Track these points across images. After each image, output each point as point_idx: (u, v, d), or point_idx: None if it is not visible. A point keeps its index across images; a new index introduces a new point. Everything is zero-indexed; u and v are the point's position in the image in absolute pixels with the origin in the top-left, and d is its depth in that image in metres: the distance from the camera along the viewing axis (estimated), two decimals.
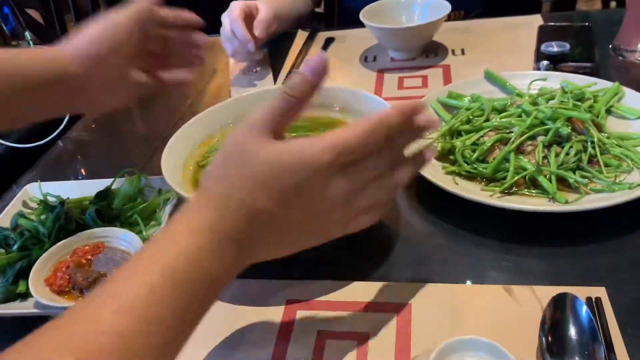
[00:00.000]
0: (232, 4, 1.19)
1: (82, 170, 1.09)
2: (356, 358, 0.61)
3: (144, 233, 0.78)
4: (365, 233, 0.59)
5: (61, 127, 1.22)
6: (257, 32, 1.16)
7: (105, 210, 0.81)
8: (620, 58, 1.11)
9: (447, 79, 1.13)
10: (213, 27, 1.79)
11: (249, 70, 1.30)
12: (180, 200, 0.84)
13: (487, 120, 0.88)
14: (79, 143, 1.17)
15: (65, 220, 0.79)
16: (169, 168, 0.76)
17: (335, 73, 1.23)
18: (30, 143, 1.20)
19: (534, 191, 0.77)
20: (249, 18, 1.19)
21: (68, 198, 0.85)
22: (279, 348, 0.64)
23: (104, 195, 0.85)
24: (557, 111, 0.83)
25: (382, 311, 0.66)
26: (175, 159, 0.80)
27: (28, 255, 0.76)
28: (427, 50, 1.25)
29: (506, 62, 1.15)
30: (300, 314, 0.68)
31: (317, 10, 2.44)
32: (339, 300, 0.69)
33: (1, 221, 0.85)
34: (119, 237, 0.77)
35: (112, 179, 0.88)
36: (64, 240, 0.77)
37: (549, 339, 0.56)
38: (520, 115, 0.87)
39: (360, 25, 1.25)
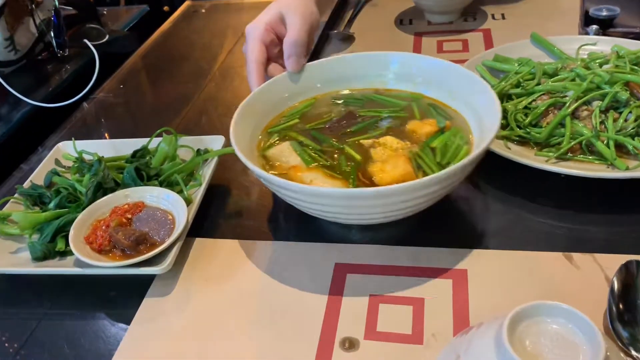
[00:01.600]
0: (250, 31, 0.87)
1: (108, 134, 1.06)
2: (412, 323, 0.59)
3: (185, 193, 0.76)
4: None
5: (87, 88, 1.19)
6: (289, 66, 0.83)
7: (144, 169, 0.78)
8: None
9: (489, 44, 1.09)
10: None
11: None
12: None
13: (538, 84, 0.85)
14: (105, 104, 1.14)
15: (104, 179, 0.76)
16: (240, 143, 0.69)
17: (369, 36, 1.20)
18: (56, 103, 1.17)
19: (591, 157, 0.74)
20: (273, 42, 0.88)
21: (103, 157, 0.82)
22: (331, 311, 0.62)
23: (142, 154, 0.82)
24: (614, 75, 0.80)
25: (437, 277, 0.64)
26: (242, 137, 0.72)
27: (66, 213, 0.74)
28: (465, 14, 1.21)
29: (549, 27, 1.11)
30: (351, 277, 0.65)
31: None
32: (391, 264, 0.66)
33: (34, 179, 0.83)
34: (160, 197, 0.74)
35: (148, 139, 0.86)
36: (103, 198, 0.74)
37: (620, 306, 0.54)
38: (573, 79, 0.83)
39: None
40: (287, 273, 0.67)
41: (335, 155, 0.72)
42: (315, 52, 1.15)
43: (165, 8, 2.43)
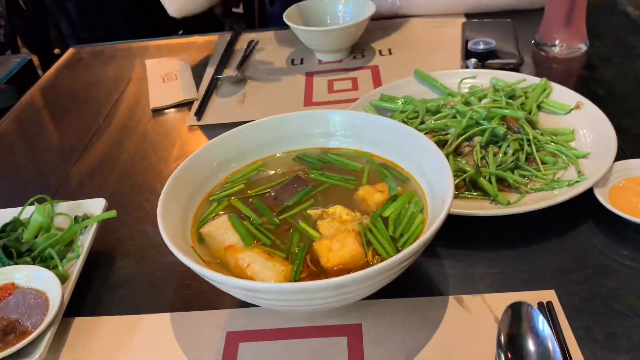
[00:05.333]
0: None
1: None
2: None
3: (59, 268, 0.70)
4: None
5: None
6: None
7: (13, 246, 0.71)
8: (542, 53, 1.13)
9: (377, 81, 1.11)
10: (122, 32, 1.70)
11: (168, 77, 1.22)
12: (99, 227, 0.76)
13: (422, 122, 0.86)
14: None
15: None
16: (168, 223, 0.62)
17: (263, 78, 1.18)
18: None
19: (475, 193, 0.75)
20: None
21: None
22: None
23: (12, 227, 0.75)
24: (491, 110, 0.83)
25: (332, 335, 0.62)
26: (172, 214, 0.64)
27: None
28: (354, 51, 1.22)
29: (433, 60, 1.15)
30: (243, 346, 0.62)
31: (235, 10, 2.38)
32: (286, 326, 0.63)
33: None
34: (31, 275, 0.68)
35: (20, 208, 0.79)
36: None
37: (508, 355, 0.54)
38: (454, 116, 0.85)
39: (283, 26, 1.21)
40: (175, 348, 0.63)
41: (288, 232, 0.65)
42: (205, 96, 1.12)
43: (56, 50, 2.32)
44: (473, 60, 1.05)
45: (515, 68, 1.05)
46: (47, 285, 0.67)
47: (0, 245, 0.70)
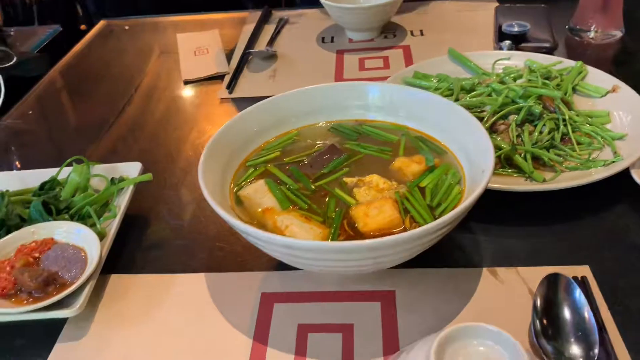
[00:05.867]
0: None
1: (18, 163, 0.99)
2: (341, 350, 0.58)
3: (97, 226, 0.71)
4: None
5: None
6: None
7: (52, 203, 0.73)
8: (576, 38, 1.12)
9: (409, 60, 1.11)
10: (163, 3, 1.70)
11: (199, 51, 1.23)
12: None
13: (457, 99, 0.86)
14: (13, 132, 1.07)
15: (7, 215, 0.70)
16: (209, 183, 0.62)
17: (292, 54, 1.18)
18: None
19: (510, 170, 0.75)
20: None
21: (7, 190, 0.76)
22: (258, 345, 0.59)
23: (51, 186, 0.77)
24: (527, 89, 0.82)
25: (365, 300, 0.63)
26: (212, 175, 0.65)
27: None
28: (385, 31, 1.22)
29: (465, 42, 1.14)
30: (278, 307, 0.63)
31: None
32: (318, 290, 0.64)
33: None
34: (71, 232, 0.69)
35: (58, 169, 0.80)
36: (6, 237, 0.68)
37: (544, 321, 0.54)
38: (490, 94, 0.85)
39: (315, 5, 1.21)
40: (210, 306, 0.64)
41: (324, 198, 0.66)
42: (237, 71, 1.13)
43: (83, 27, 2.33)
44: (507, 42, 1.05)
45: (549, 51, 1.04)
46: (86, 241, 0.68)
47: (40, 201, 0.72)
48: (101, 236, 0.69)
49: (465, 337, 0.47)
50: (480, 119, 0.80)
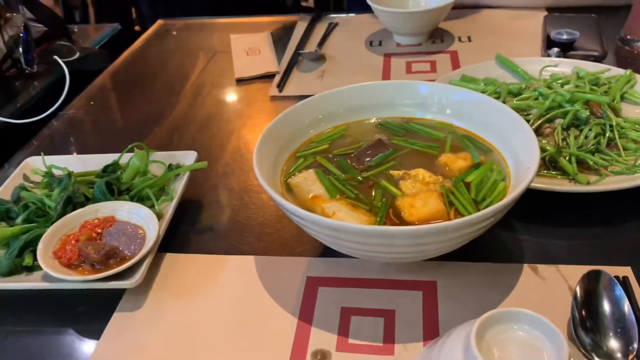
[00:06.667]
0: None
1: (77, 151, 1.05)
2: (383, 334, 0.60)
3: (156, 207, 0.75)
4: None
5: (57, 104, 1.18)
6: None
7: (114, 184, 0.78)
8: (626, 48, 1.11)
9: (456, 65, 1.13)
10: (213, 8, 1.77)
11: (251, 51, 1.28)
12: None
13: (504, 102, 0.88)
14: (74, 121, 1.13)
15: (73, 193, 0.76)
16: (262, 170, 0.65)
17: (340, 57, 1.22)
18: (24, 119, 1.15)
19: (554, 172, 0.76)
20: None
21: (74, 172, 0.81)
22: (303, 324, 0.62)
23: (113, 169, 0.82)
24: (575, 94, 0.83)
25: (407, 288, 0.65)
26: (265, 162, 0.68)
27: (34, 228, 0.73)
28: (433, 36, 1.24)
29: (513, 49, 1.15)
30: (322, 290, 0.66)
31: (303, 4, 2.43)
32: (362, 277, 0.67)
33: (1, 195, 0.81)
34: (131, 211, 0.74)
35: (119, 154, 0.85)
36: (72, 213, 0.74)
37: (583, 314, 0.56)
38: (537, 98, 0.86)
39: (365, 9, 1.24)
40: (258, 287, 0.67)
41: (371, 189, 0.68)
42: (287, 70, 1.17)
43: (137, 28, 2.43)
44: (555, 49, 1.06)
45: (598, 60, 1.05)
46: (145, 220, 0.73)
47: (104, 182, 0.77)
48: (158, 217, 0.74)
49: (505, 322, 0.49)
50: (526, 122, 0.82)
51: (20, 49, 1.27)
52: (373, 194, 0.68)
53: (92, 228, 0.72)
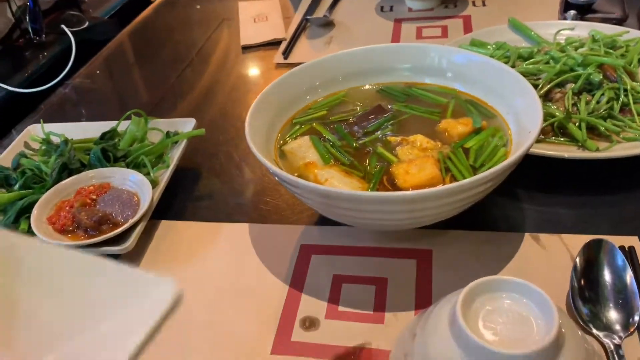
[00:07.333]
0: None
1: (82, 118, 1.05)
2: (374, 302, 0.58)
3: (151, 174, 0.75)
4: None
5: (64, 73, 1.18)
6: None
7: (111, 151, 0.77)
8: None
9: (468, 30, 1.09)
10: None
11: (259, 18, 1.25)
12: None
13: (513, 66, 0.84)
14: (81, 89, 1.13)
15: (69, 159, 0.75)
16: (255, 136, 0.63)
17: (349, 22, 1.18)
18: (32, 88, 1.16)
19: (562, 139, 0.73)
20: None
21: (72, 139, 0.81)
22: (293, 291, 0.61)
23: (110, 136, 0.81)
24: (588, 57, 0.79)
25: (401, 257, 0.63)
26: (259, 127, 0.67)
27: (30, 194, 0.73)
28: (446, 1, 1.20)
29: (529, 14, 1.10)
30: (315, 258, 0.64)
31: None
32: (356, 245, 0.65)
33: (2, 162, 0.81)
34: (126, 178, 0.73)
35: (117, 121, 0.84)
36: (68, 179, 0.73)
37: (582, 283, 0.53)
38: (548, 62, 0.82)
39: None
40: (252, 254, 0.66)
41: (367, 156, 0.66)
42: (294, 37, 1.14)
43: None
44: (572, 12, 1.01)
45: (619, 23, 0.99)
46: (140, 187, 0.72)
47: (100, 149, 0.76)
48: (154, 184, 0.73)
49: (494, 291, 0.47)
50: (536, 87, 0.78)
51: (28, 19, 1.26)
52: (369, 160, 0.66)
53: (86, 194, 0.72)
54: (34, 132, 0.88)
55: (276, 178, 0.60)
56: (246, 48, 1.16)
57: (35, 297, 0.39)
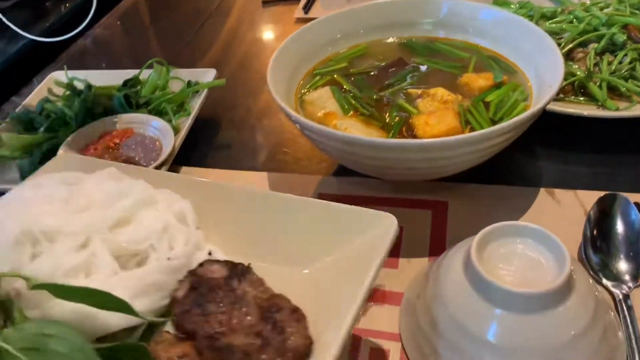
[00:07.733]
0: None
1: (104, 68, 1.06)
2: None
3: (173, 121, 0.76)
4: None
5: (85, 23, 1.18)
6: None
7: (133, 97, 0.78)
8: None
9: None
10: None
11: None
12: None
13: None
14: (102, 39, 1.13)
15: (93, 104, 0.76)
16: (276, 84, 0.64)
17: None
18: (54, 37, 1.17)
19: (582, 98, 0.73)
20: None
21: (94, 85, 0.82)
22: None
23: (133, 83, 0.82)
24: (612, 17, 0.78)
25: (417, 207, 0.64)
26: (280, 76, 0.67)
27: (55, 136, 0.75)
28: None
29: None
30: None
31: None
32: (373, 195, 0.66)
33: (27, 107, 0.83)
34: (149, 124, 0.75)
35: (139, 69, 0.85)
36: (91, 123, 0.75)
37: (594, 233, 0.54)
38: (571, 22, 0.82)
39: None
40: None
41: (387, 107, 0.66)
42: None
43: None
44: None
45: None
46: (162, 133, 0.73)
47: (122, 95, 0.77)
48: (176, 131, 0.74)
49: (508, 236, 0.48)
50: (553, 40, 0.78)
51: None
52: (389, 111, 0.66)
53: (110, 139, 0.73)
54: (57, 79, 0.89)
55: (297, 125, 0.61)
56: (266, 2, 1.16)
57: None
